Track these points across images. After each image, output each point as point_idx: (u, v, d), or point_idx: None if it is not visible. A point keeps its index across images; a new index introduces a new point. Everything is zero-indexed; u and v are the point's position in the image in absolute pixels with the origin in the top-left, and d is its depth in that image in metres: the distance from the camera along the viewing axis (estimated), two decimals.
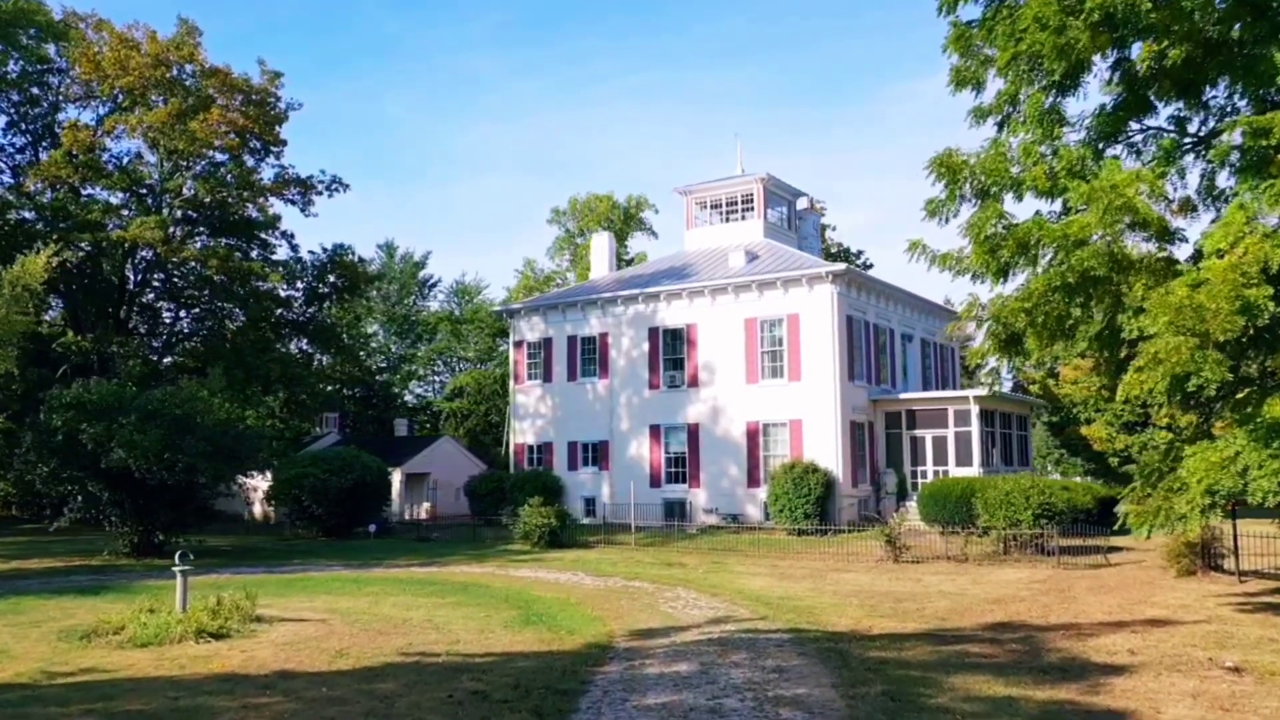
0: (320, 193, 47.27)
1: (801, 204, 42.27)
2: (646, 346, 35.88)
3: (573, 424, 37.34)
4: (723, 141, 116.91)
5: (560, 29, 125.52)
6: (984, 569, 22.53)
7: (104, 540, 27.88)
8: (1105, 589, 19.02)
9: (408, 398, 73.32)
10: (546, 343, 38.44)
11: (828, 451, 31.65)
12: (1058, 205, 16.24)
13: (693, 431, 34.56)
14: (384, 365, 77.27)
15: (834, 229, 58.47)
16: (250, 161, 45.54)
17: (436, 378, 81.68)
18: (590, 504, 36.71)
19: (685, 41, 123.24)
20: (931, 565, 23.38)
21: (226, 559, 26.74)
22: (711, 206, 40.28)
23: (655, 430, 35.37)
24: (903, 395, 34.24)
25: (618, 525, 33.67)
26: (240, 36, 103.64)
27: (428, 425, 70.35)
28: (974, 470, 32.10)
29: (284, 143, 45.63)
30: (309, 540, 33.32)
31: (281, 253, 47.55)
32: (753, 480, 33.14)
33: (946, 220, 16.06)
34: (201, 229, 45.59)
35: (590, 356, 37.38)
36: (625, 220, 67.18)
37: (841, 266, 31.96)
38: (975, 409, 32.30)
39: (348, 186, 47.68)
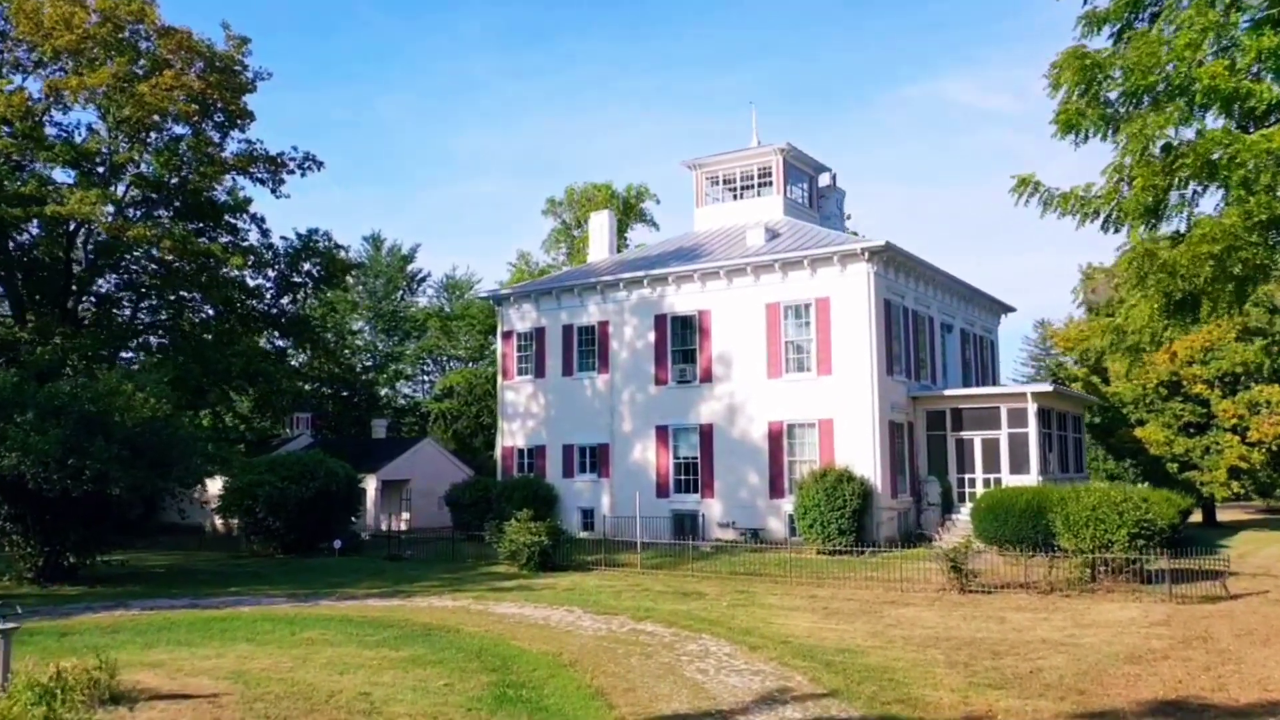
0: (292, 171, 42.90)
1: (824, 180, 37.95)
2: (652, 336, 31.50)
3: (568, 425, 32.95)
4: (725, 141, 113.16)
5: (555, 32, 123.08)
6: (1077, 603, 18.16)
7: (3, 563, 23.44)
8: (1260, 635, 14.65)
9: (389, 397, 68.92)
10: (538, 333, 34.04)
11: (864, 457, 27.29)
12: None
13: (706, 433, 30.18)
14: (370, 363, 73.05)
15: (849, 217, 54.15)
16: (215, 136, 41.25)
17: (426, 377, 77.55)
18: (588, 516, 32.32)
19: (680, 46, 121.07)
20: (1007, 597, 19.03)
21: (152, 585, 22.31)
22: (724, 182, 35.94)
23: (662, 432, 30.99)
24: (948, 392, 29.87)
25: (620, 542, 29.28)
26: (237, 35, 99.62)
27: (416, 427, 66.33)
28: (1031, 478, 27.76)
29: (250, 115, 41.24)
30: (263, 559, 28.91)
31: (252, 239, 43.28)
32: (776, 490, 28.76)
33: (1085, 138, 11.75)
34: (162, 211, 41.23)
35: (588, 348, 32.99)
36: (625, 211, 63.06)
37: (880, 242, 27.62)
38: (1033, 408, 27.94)
39: (321, 164, 43.22)
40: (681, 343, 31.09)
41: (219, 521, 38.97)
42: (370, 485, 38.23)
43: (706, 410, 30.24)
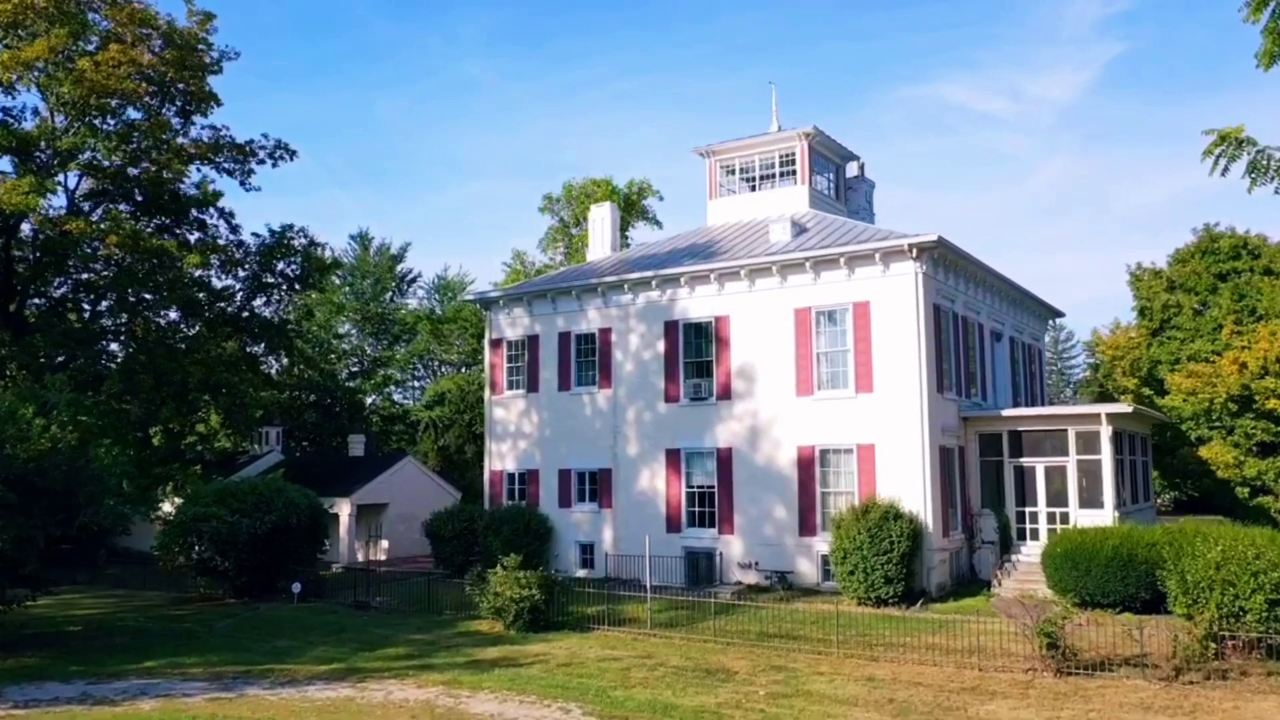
0: (262, 160, 38.95)
1: (851, 170, 33.90)
2: (662, 346, 27.42)
3: (565, 446, 28.84)
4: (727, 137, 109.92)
5: (552, 34, 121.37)
6: (1216, 697, 14.10)
7: None
8: None
9: (380, 404, 64.88)
10: (531, 341, 29.92)
11: (912, 489, 23.22)
12: None
13: (724, 459, 26.09)
14: (356, 368, 69.10)
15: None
16: (177, 122, 37.27)
17: (417, 383, 73.71)
18: (587, 552, 28.23)
19: (679, 47, 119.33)
20: (1117, 683, 15.03)
21: (53, 655, 18.20)
22: (741, 172, 31.86)
23: (673, 456, 26.89)
24: (1006, 412, 25.78)
25: (624, 584, 25.25)
26: (233, 39, 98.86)
27: (405, 436, 62.49)
28: (1106, 514, 23.72)
29: (215, 98, 37.22)
30: (209, 605, 24.86)
31: (223, 235, 39.25)
32: (807, 527, 24.68)
33: None
34: (124, 206, 37.20)
35: (588, 358, 28.89)
36: (627, 208, 59.15)
37: (931, 236, 23.54)
38: (1107, 431, 23.88)
39: (294, 153, 39.22)
40: (695, 353, 26.99)
41: None
42: (343, 511, 34.19)
43: (725, 432, 26.15)
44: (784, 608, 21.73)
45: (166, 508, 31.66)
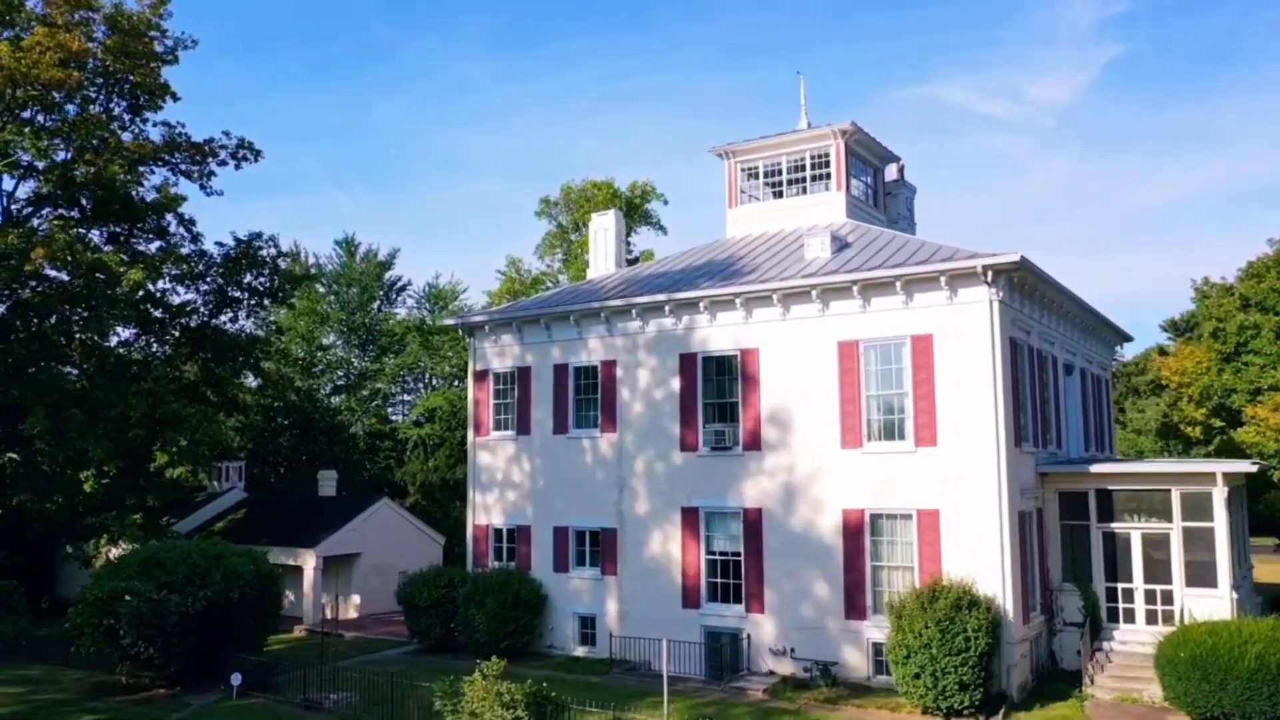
0: (224, 161, 34.86)
1: (889, 173, 29.57)
2: (677, 383, 23.03)
3: (561, 500, 24.45)
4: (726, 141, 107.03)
5: (550, 35, 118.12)
6: None
7: None
8: None
9: (365, 421, 60.59)
10: (522, 374, 25.50)
11: (987, 566, 18.86)
12: None
13: (752, 521, 21.71)
14: (342, 382, 64.97)
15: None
16: (127, 118, 33.14)
17: (408, 396, 69.63)
18: (587, 626, 23.84)
19: (677, 48, 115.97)
20: None
21: None
22: (765, 175, 27.50)
23: (690, 516, 22.51)
24: (1095, 468, 21.38)
25: (632, 672, 20.94)
26: (230, 40, 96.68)
27: (392, 455, 58.40)
28: (1221, 595, 19.40)
29: (168, 91, 33.11)
30: (126, 705, 20.44)
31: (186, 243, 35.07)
32: (854, 608, 20.28)
33: None
34: (67, 210, 32.97)
35: (589, 396, 24.49)
36: (630, 212, 55.03)
37: (1011, 257, 19.12)
38: (1222, 493, 19.53)
39: (259, 153, 35.24)
40: (718, 393, 22.60)
41: None
42: (308, 564, 29.82)
43: (753, 489, 21.76)
44: (834, 717, 17.38)
45: (117, 552, 27.50)
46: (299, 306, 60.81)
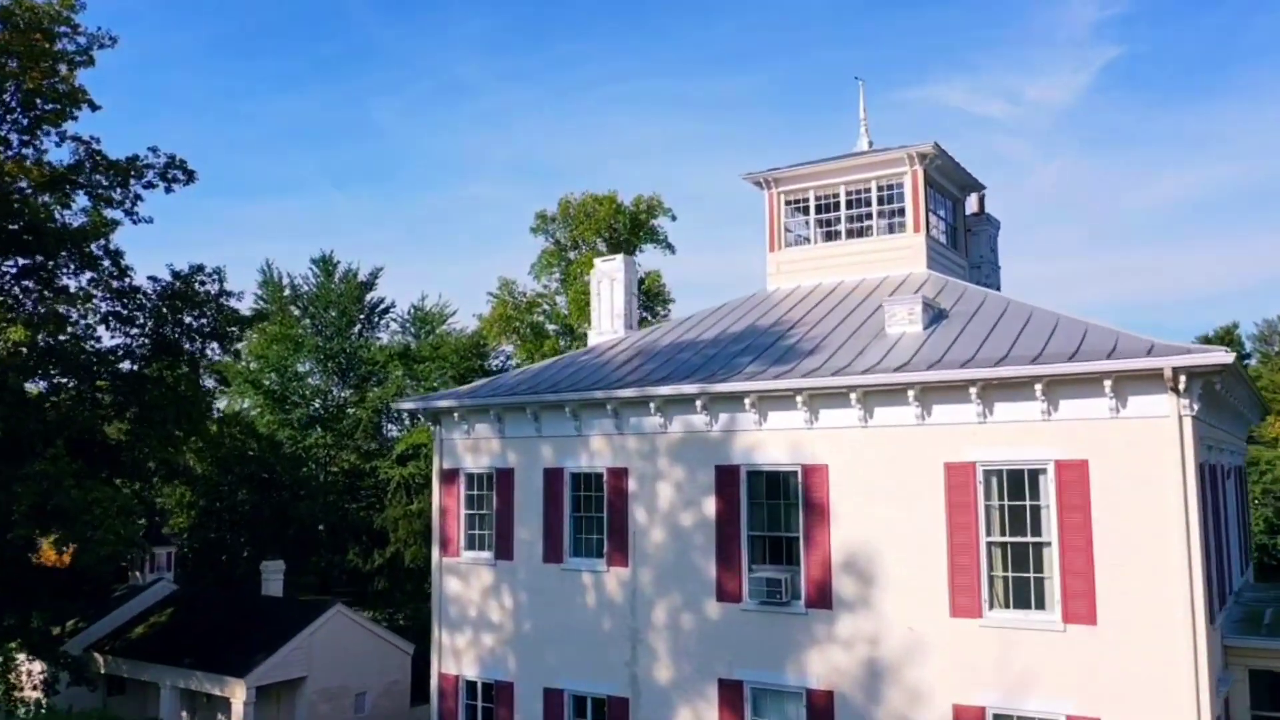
0: (151, 183, 29.27)
1: (969, 204, 23.46)
2: (712, 507, 16.80)
3: (554, 652, 18.21)
4: (733, 152, 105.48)
5: (548, 35, 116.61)
6: None
7: None
8: None
9: (346, 459, 55.06)
10: (502, 478, 19.24)
11: None
12: None
13: (820, 709, 15.50)
14: (317, 414, 59.37)
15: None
16: (13, 134, 27.43)
17: (391, 425, 64.02)
18: None
19: (676, 49, 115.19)
20: None
21: None
22: (817, 210, 21.35)
23: (731, 692, 16.30)
24: None
25: None
26: (229, 40, 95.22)
27: (371, 498, 53.17)
28: None
29: (84, 97, 27.52)
30: None
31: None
32: None
33: None
34: None
35: (591, 514, 18.25)
36: (632, 230, 49.22)
37: (1216, 356, 12.84)
38: None
39: (193, 174, 29.86)
40: (769, 523, 16.39)
41: None
42: (236, 698, 23.63)
43: (822, 663, 15.56)
44: None
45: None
46: (269, 332, 55.49)
